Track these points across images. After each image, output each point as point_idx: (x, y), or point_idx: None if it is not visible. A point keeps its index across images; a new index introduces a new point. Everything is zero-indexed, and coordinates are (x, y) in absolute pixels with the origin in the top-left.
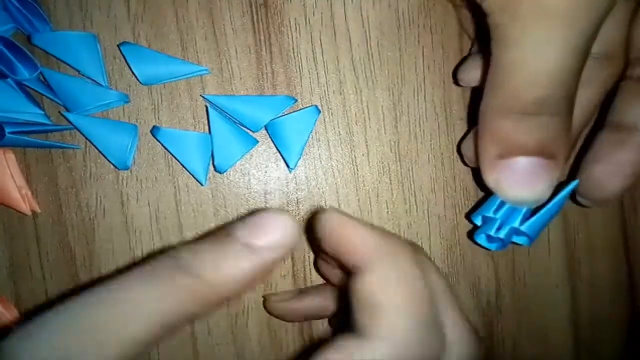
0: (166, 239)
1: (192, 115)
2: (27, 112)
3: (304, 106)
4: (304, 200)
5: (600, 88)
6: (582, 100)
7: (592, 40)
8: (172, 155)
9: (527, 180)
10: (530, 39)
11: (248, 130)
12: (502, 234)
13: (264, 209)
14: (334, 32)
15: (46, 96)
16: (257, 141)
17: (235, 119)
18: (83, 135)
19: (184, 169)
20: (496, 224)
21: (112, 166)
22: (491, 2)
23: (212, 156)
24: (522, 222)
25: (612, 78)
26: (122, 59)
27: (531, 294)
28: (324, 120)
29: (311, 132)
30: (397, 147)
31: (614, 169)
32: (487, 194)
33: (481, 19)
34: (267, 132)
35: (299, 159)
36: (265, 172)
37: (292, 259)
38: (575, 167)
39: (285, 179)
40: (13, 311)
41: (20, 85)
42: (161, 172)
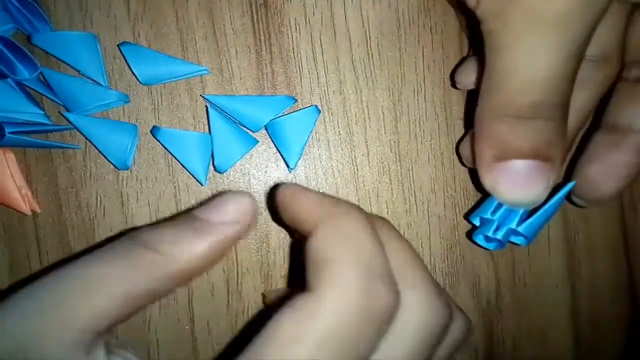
0: None
1: (192, 115)
2: (27, 112)
3: (304, 106)
4: None
5: (596, 90)
6: (577, 103)
7: (585, 45)
8: (172, 155)
9: (523, 182)
10: (524, 46)
11: (248, 130)
12: (500, 234)
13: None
14: (334, 32)
15: (46, 96)
16: (257, 141)
17: (235, 119)
18: (83, 135)
19: (184, 169)
20: (494, 225)
21: (112, 166)
22: (485, 9)
23: (212, 156)
24: (519, 224)
25: (608, 80)
26: (122, 59)
27: (531, 294)
28: (324, 120)
29: (311, 132)
30: (397, 147)
31: (608, 170)
32: (485, 196)
33: (475, 25)
34: (267, 132)
35: (299, 159)
36: (265, 172)
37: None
38: (571, 168)
39: (285, 179)
40: None
41: (20, 85)
42: (161, 172)
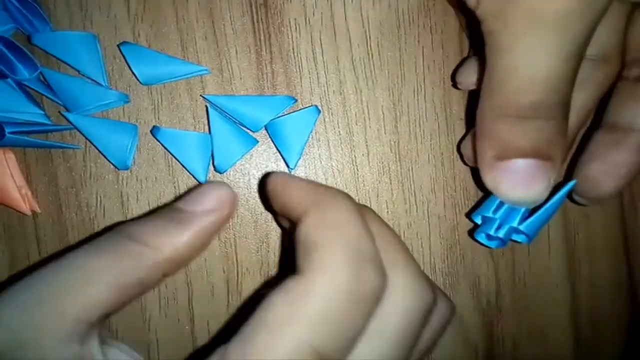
0: None
1: (192, 115)
2: (27, 112)
3: (304, 106)
4: None
5: (596, 90)
6: (578, 102)
7: (585, 45)
8: (172, 155)
9: (524, 181)
10: (524, 46)
11: (248, 130)
12: (502, 233)
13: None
14: (334, 32)
15: (46, 96)
16: (257, 141)
17: (235, 119)
18: (83, 135)
19: (184, 169)
20: (495, 224)
21: (112, 166)
22: (484, 9)
23: (212, 156)
24: (521, 222)
25: (608, 80)
26: (122, 59)
27: (531, 294)
28: (324, 120)
29: (311, 132)
30: (397, 147)
31: (609, 169)
32: (487, 194)
33: (475, 25)
34: (267, 132)
35: (299, 159)
36: (265, 172)
37: None
38: (571, 167)
39: None
40: None
41: (20, 85)
42: (161, 172)
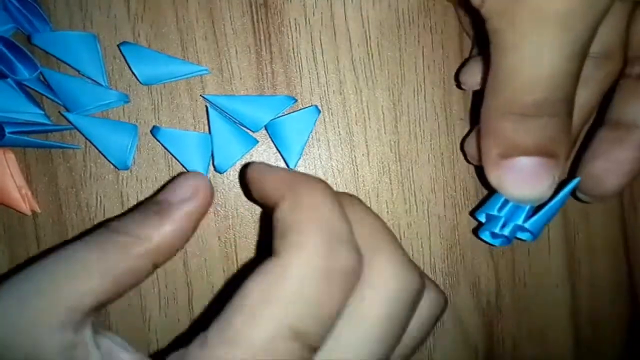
0: None
1: (192, 115)
2: (27, 112)
3: (304, 106)
4: None
5: (599, 87)
6: (581, 99)
7: (589, 43)
8: (172, 155)
9: (529, 179)
10: (529, 45)
11: (248, 130)
12: (507, 231)
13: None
14: (334, 32)
15: (46, 96)
16: (257, 141)
17: (235, 119)
18: (83, 135)
19: (184, 169)
20: (500, 222)
21: (112, 166)
22: (490, 8)
23: (212, 156)
24: (525, 220)
25: (611, 77)
26: (122, 59)
27: (531, 294)
28: (324, 120)
29: (311, 132)
30: (397, 147)
31: (612, 167)
32: (491, 192)
33: (480, 24)
34: (267, 132)
35: (299, 159)
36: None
37: None
38: (575, 165)
39: None
40: None
41: (20, 85)
42: (161, 172)
